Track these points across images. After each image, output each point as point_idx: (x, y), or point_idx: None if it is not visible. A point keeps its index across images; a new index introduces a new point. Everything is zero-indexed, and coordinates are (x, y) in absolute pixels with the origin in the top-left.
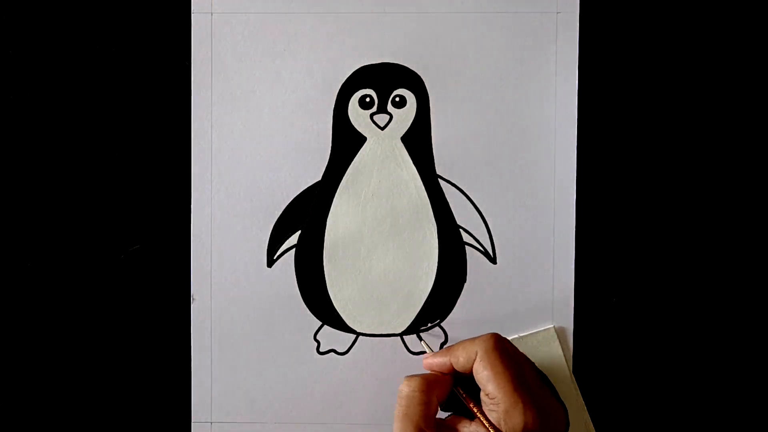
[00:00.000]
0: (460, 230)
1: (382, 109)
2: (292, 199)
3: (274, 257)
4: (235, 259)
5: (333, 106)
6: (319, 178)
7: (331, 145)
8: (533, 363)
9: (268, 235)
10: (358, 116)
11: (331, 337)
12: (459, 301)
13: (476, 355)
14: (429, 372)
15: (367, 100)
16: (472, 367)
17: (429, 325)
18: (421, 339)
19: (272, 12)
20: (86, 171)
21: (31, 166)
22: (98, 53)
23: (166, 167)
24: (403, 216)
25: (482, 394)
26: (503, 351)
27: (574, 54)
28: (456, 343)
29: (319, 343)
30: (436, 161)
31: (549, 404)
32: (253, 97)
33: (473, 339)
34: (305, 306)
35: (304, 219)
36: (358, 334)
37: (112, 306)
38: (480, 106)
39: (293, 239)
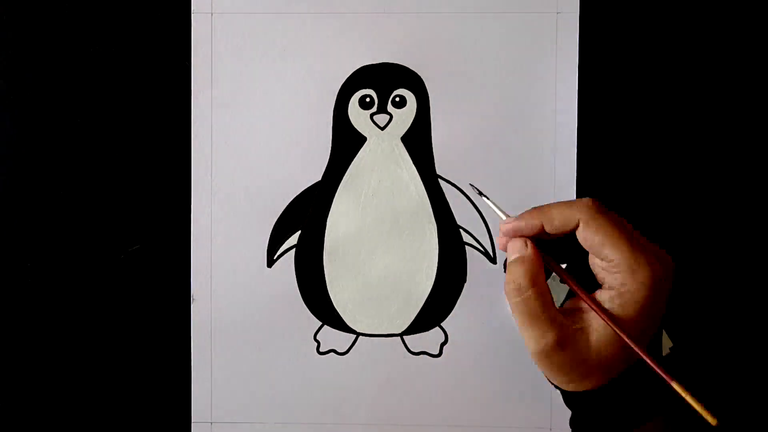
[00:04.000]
0: (460, 230)
1: (382, 109)
2: (292, 199)
3: (274, 257)
4: (235, 259)
5: (333, 106)
6: (319, 178)
7: (331, 145)
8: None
9: (268, 235)
10: (358, 116)
11: (331, 337)
12: (459, 301)
13: (578, 222)
14: (516, 263)
15: (367, 100)
16: (563, 232)
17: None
18: (487, 198)
19: (272, 12)
20: (86, 171)
21: (32, 166)
22: (98, 53)
23: (166, 167)
24: (403, 216)
25: (595, 261)
26: (609, 213)
27: (574, 54)
28: (545, 205)
29: (319, 343)
30: (436, 161)
31: (659, 252)
32: (253, 97)
33: (569, 204)
34: (305, 306)
35: (304, 219)
36: (358, 334)
37: (112, 306)
38: (480, 106)
39: (293, 239)
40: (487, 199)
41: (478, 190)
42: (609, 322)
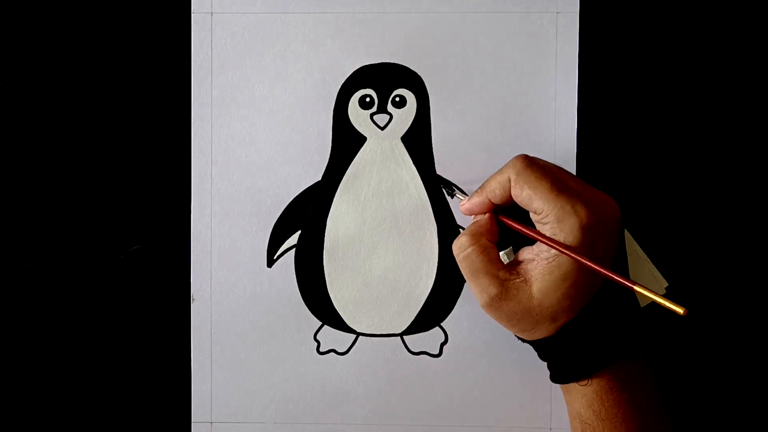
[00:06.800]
0: (460, 230)
1: (382, 109)
2: (292, 199)
3: (274, 257)
4: (235, 259)
5: (333, 106)
6: (319, 178)
7: (331, 145)
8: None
9: (268, 235)
10: (358, 116)
11: (331, 337)
12: (459, 301)
13: (510, 181)
14: (468, 227)
15: (367, 100)
16: (509, 195)
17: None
18: (453, 190)
19: (272, 12)
20: (86, 171)
21: (32, 166)
22: (98, 53)
23: (166, 167)
24: (403, 216)
25: (531, 216)
26: (535, 165)
27: (574, 54)
28: (486, 179)
29: (319, 343)
30: (436, 161)
31: (597, 197)
32: (253, 97)
33: (502, 169)
34: (305, 306)
35: (304, 219)
36: (358, 334)
37: (112, 306)
38: (480, 106)
39: (293, 239)
40: (453, 190)
41: (448, 189)
42: (563, 249)
